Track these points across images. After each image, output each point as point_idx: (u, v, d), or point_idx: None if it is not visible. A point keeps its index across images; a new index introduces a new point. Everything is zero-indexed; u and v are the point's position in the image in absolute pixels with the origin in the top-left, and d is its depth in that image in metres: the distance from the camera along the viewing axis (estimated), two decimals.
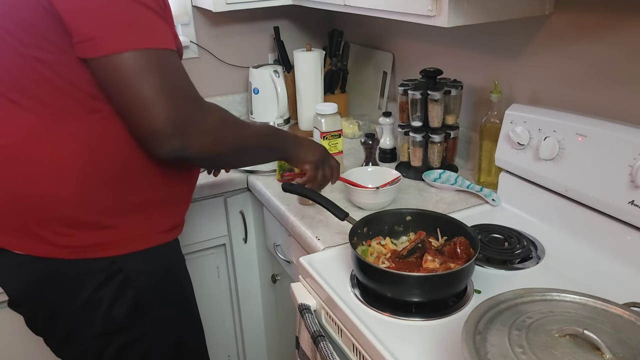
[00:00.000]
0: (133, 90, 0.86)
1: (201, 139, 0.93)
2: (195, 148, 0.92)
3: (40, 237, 0.97)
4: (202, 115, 0.93)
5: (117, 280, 1.01)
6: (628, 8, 1.11)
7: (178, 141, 0.89)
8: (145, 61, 0.86)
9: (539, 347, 0.68)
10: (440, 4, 1.12)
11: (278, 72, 1.91)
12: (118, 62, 0.85)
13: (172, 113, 0.87)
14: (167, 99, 0.87)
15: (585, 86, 1.23)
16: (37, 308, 1.04)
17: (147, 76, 0.86)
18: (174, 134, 0.88)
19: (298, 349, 1.08)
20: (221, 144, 0.98)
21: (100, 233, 0.99)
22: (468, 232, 1.01)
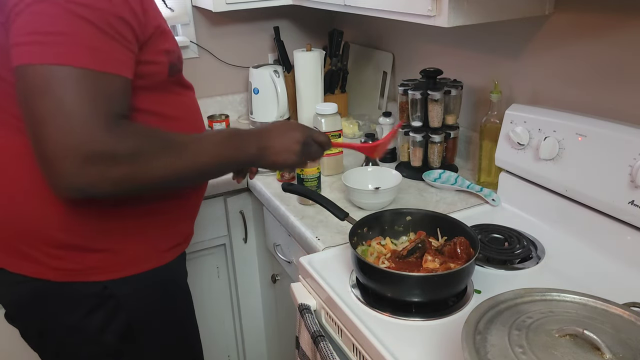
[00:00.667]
0: (34, 107, 0.75)
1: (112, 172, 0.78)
2: (104, 185, 0.78)
3: (32, 258, 0.94)
4: (118, 144, 0.78)
5: (108, 305, 0.98)
6: (628, 8, 1.11)
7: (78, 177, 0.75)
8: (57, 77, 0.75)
9: (539, 347, 0.68)
10: (440, 4, 1.12)
11: (278, 72, 1.91)
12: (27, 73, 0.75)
13: (71, 141, 0.74)
14: (68, 123, 0.74)
15: (585, 86, 1.23)
16: (28, 325, 1.04)
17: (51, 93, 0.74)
18: (71, 168, 0.74)
19: (298, 349, 1.08)
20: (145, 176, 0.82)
21: (91, 256, 0.95)
22: (468, 232, 1.01)
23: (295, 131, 1.01)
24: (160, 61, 0.91)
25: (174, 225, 1.06)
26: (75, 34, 0.76)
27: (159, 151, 0.84)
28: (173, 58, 0.95)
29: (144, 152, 0.82)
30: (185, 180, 0.92)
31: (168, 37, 0.94)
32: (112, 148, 0.77)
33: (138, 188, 0.84)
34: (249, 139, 0.96)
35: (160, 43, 0.91)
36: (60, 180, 0.76)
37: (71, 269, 0.94)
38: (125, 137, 0.80)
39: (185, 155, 0.87)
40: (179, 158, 0.86)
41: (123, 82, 0.82)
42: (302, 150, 1.00)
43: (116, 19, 0.80)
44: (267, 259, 1.70)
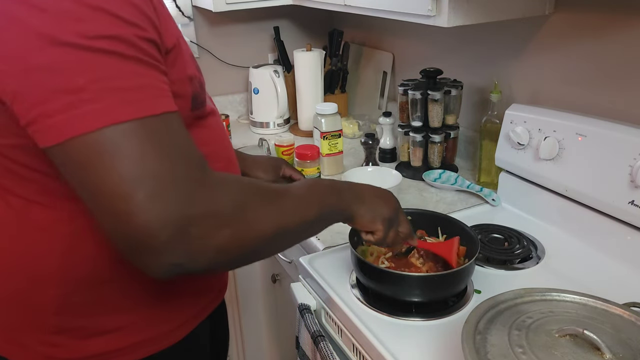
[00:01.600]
0: (94, 185, 0.57)
1: (219, 234, 0.61)
2: (208, 253, 0.61)
3: (22, 344, 0.79)
4: (215, 197, 0.62)
5: None
6: (628, 8, 1.11)
7: (179, 250, 0.58)
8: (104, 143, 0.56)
9: (539, 347, 0.68)
10: (440, 4, 1.12)
11: (278, 72, 1.91)
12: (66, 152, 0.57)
13: (161, 206, 0.57)
14: (148, 188, 0.57)
15: (585, 86, 1.23)
16: None
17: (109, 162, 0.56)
18: (170, 239, 0.57)
19: (298, 349, 1.08)
20: (253, 234, 0.65)
21: (95, 341, 0.78)
22: (468, 232, 1.01)
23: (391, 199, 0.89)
24: (182, 93, 0.72)
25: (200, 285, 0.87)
26: (108, 77, 0.57)
27: (263, 203, 0.68)
28: (196, 86, 0.76)
29: (247, 205, 0.65)
30: (289, 237, 0.75)
31: (187, 59, 0.74)
32: (210, 205, 0.61)
33: (242, 255, 0.66)
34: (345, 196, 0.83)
35: (181, 67, 0.71)
36: (155, 260, 0.58)
37: (67, 358, 0.78)
38: (222, 190, 0.63)
39: (291, 208, 0.72)
40: (285, 212, 0.71)
41: (179, 117, 0.63)
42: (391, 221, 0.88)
43: (144, 42, 0.61)
44: (267, 259, 1.70)
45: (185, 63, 0.73)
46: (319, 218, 0.77)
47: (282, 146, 1.64)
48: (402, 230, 0.91)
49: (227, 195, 0.63)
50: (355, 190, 0.85)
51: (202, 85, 0.79)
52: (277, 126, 1.95)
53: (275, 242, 0.70)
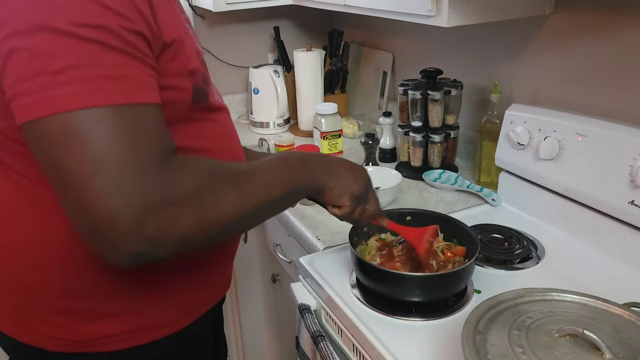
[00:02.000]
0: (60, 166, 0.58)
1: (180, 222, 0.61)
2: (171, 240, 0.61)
3: (29, 324, 0.81)
4: (176, 185, 0.62)
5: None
6: (628, 8, 1.11)
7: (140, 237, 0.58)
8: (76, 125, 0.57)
9: (539, 347, 0.68)
10: (440, 4, 1.12)
11: (278, 72, 1.91)
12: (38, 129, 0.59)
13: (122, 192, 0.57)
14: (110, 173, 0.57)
15: (585, 86, 1.23)
16: None
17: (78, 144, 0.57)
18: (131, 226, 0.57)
19: (298, 349, 1.08)
20: (214, 219, 0.66)
21: (97, 324, 0.80)
22: (468, 232, 1.01)
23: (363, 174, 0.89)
24: (181, 86, 0.73)
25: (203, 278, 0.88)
26: (89, 64, 0.59)
27: (226, 185, 0.68)
28: (198, 80, 0.77)
29: (209, 189, 0.65)
30: (254, 217, 0.75)
31: (190, 54, 0.75)
32: (173, 192, 0.61)
33: (205, 238, 0.66)
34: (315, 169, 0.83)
35: (182, 61, 0.72)
36: (116, 248, 0.59)
37: (69, 339, 0.80)
38: (185, 176, 0.64)
39: (254, 188, 0.71)
40: (249, 192, 0.70)
41: (157, 109, 0.64)
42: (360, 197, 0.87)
43: (130, 34, 0.62)
44: (267, 259, 1.70)
45: (188, 58, 0.74)
46: (286, 195, 0.77)
47: (282, 146, 1.64)
48: (370, 209, 0.91)
49: (189, 181, 0.64)
50: (326, 164, 0.85)
51: (205, 80, 0.80)
52: (277, 126, 1.95)
53: (240, 223, 0.71)
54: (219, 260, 0.91)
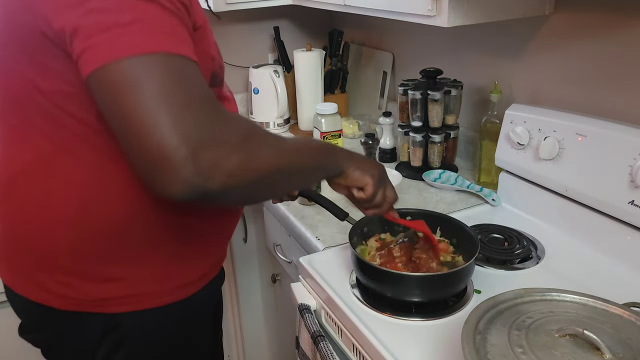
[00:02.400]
0: (126, 104, 0.65)
1: (228, 160, 0.67)
2: (220, 175, 0.66)
3: (40, 283, 0.88)
4: (225, 129, 0.69)
5: (113, 336, 0.92)
6: (628, 8, 1.11)
7: (194, 167, 0.64)
8: (142, 68, 0.65)
9: (539, 347, 0.68)
10: (440, 4, 1.12)
11: (278, 72, 1.91)
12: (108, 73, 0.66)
13: (180, 128, 0.64)
14: (172, 110, 0.64)
15: (585, 86, 1.23)
16: (36, 340, 1.01)
17: (144, 85, 0.65)
18: (187, 157, 0.63)
19: (298, 349, 1.08)
20: (256, 166, 0.71)
21: (102, 286, 0.87)
22: (468, 232, 1.01)
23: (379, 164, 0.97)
24: (204, 68, 0.80)
25: (201, 255, 0.96)
26: (146, 19, 0.67)
27: (267, 141, 0.75)
28: (216, 66, 0.87)
29: (253, 137, 0.72)
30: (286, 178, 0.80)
31: (211, 41, 0.85)
32: (221, 133, 0.68)
33: (245, 184, 0.71)
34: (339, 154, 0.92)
35: (206, 45, 0.82)
36: (173, 178, 0.64)
37: (77, 298, 0.88)
38: (231, 122, 0.71)
39: (290, 151, 0.79)
40: (285, 153, 0.78)
41: (197, 66, 0.72)
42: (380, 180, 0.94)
43: (179, 3, 0.72)
44: (267, 259, 1.70)
45: (210, 44, 0.85)
46: (316, 167, 0.86)
47: None
48: (389, 195, 0.98)
49: (236, 128, 0.70)
50: (347, 151, 0.94)
51: (221, 67, 0.90)
52: (277, 126, 1.95)
53: (276, 178, 0.76)
54: (217, 236, 0.99)
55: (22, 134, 0.84)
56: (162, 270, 0.90)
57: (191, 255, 0.94)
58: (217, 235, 0.99)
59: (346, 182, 0.92)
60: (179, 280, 0.93)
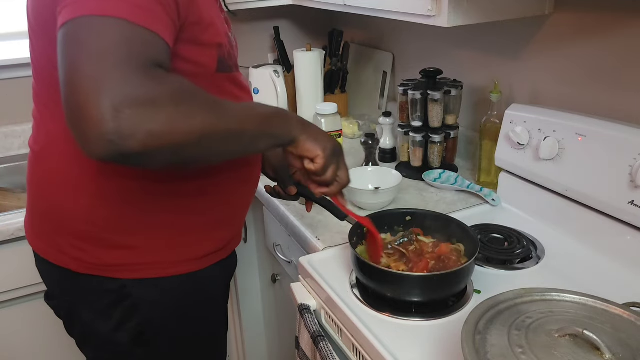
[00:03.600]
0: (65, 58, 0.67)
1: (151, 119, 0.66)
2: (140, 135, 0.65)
3: (58, 246, 0.96)
4: (154, 89, 0.68)
5: (124, 304, 0.96)
6: (628, 8, 1.11)
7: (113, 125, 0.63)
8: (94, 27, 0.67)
9: (539, 347, 0.68)
10: (440, 4, 1.12)
11: (278, 72, 1.91)
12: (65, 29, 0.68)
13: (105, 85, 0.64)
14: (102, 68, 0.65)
15: (585, 86, 1.23)
16: (58, 306, 1.07)
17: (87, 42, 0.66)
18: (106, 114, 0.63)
19: (298, 349, 1.08)
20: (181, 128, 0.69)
21: (114, 253, 0.93)
22: (468, 232, 1.01)
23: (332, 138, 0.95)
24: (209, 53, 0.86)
25: (212, 229, 1.00)
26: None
27: (201, 103, 0.73)
28: (224, 53, 0.90)
29: (185, 100, 0.71)
30: (222, 143, 0.78)
31: (221, 32, 0.89)
32: (150, 92, 0.67)
33: (171, 146, 0.69)
34: (291, 122, 0.89)
35: (213, 35, 0.86)
36: (90, 130, 0.64)
37: (90, 262, 0.94)
38: (164, 82, 0.70)
39: (228, 115, 0.77)
40: (222, 116, 0.75)
41: (163, 44, 0.73)
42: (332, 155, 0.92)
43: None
44: (267, 259, 1.70)
45: (218, 34, 0.88)
46: (257, 133, 0.82)
47: None
48: (341, 175, 0.97)
49: (169, 88, 0.69)
50: (301, 120, 0.91)
51: (230, 56, 0.93)
52: None
53: (206, 143, 0.73)
54: (229, 216, 1.02)
55: (51, 110, 0.90)
56: (168, 243, 0.95)
57: (198, 231, 0.98)
58: (228, 216, 1.02)
59: (297, 151, 0.90)
60: (184, 254, 0.97)
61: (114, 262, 0.94)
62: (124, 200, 0.91)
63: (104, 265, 0.94)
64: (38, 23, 0.86)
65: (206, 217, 0.98)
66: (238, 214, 1.07)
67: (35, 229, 1.01)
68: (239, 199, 1.04)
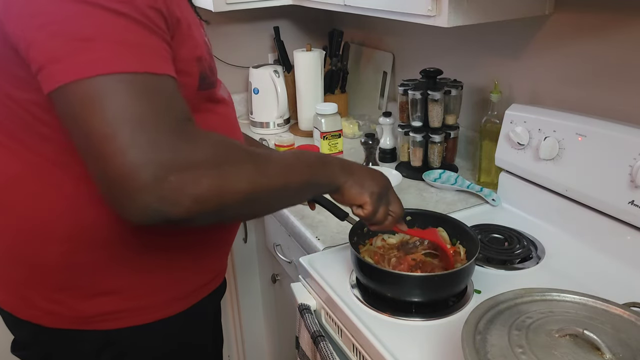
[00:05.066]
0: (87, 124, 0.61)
1: (197, 184, 0.63)
2: (185, 201, 0.62)
3: (29, 300, 0.84)
4: (196, 151, 0.64)
5: (110, 351, 0.87)
6: (628, 8, 1.11)
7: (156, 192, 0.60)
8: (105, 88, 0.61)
9: (539, 347, 0.68)
10: (440, 4, 1.12)
11: (278, 72, 1.91)
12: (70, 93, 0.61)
13: (143, 149, 0.60)
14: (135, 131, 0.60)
15: (585, 86, 1.23)
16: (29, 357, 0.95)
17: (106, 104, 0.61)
18: (148, 181, 0.60)
19: (298, 349, 1.08)
20: (228, 190, 0.66)
21: (94, 302, 0.83)
22: (468, 232, 1.01)
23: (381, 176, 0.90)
24: (189, 71, 0.77)
25: (199, 261, 0.91)
26: (111, 33, 0.62)
27: (242, 160, 0.69)
28: (204, 67, 0.80)
29: (227, 160, 0.67)
30: (268, 200, 0.74)
31: (199, 42, 0.79)
32: (191, 155, 0.63)
33: (218, 209, 0.66)
34: (335, 168, 0.84)
35: (190, 47, 0.76)
36: (133, 201, 0.60)
37: (68, 315, 0.83)
38: (204, 143, 0.65)
39: (272, 170, 0.72)
40: (266, 173, 0.71)
41: (174, 81, 0.68)
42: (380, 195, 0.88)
43: (150, 9, 0.66)
44: (267, 259, 1.70)
45: (196, 45, 0.77)
46: (303, 186, 0.78)
47: (282, 146, 1.64)
48: (394, 210, 0.92)
49: (209, 148, 0.65)
50: (344, 164, 0.86)
51: (211, 69, 0.83)
52: (277, 126, 1.95)
53: (253, 202, 0.70)
54: (216, 246, 0.94)
55: (9, 148, 0.79)
56: (157, 282, 0.86)
57: (188, 266, 0.89)
58: (214, 247, 0.95)
59: (343, 200, 0.87)
60: (174, 292, 0.88)
61: (96, 312, 0.83)
62: (103, 242, 0.80)
63: (84, 317, 0.83)
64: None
65: (194, 251, 0.90)
66: (224, 251, 0.99)
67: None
68: (222, 238, 0.96)
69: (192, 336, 0.95)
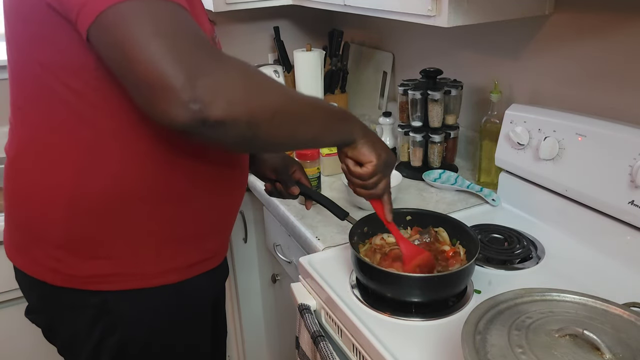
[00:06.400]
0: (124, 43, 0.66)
1: (231, 87, 0.69)
2: (220, 101, 0.67)
3: (35, 258, 0.91)
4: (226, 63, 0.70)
5: (104, 321, 0.92)
6: (628, 8, 1.11)
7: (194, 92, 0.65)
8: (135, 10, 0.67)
9: (539, 347, 0.68)
10: (440, 4, 1.12)
11: (278, 72, 1.91)
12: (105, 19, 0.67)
13: (178, 58, 0.65)
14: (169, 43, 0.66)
15: (585, 86, 1.23)
16: (38, 321, 1.02)
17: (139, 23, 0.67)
18: (186, 82, 0.65)
19: (298, 349, 1.08)
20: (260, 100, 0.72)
21: (93, 263, 0.88)
22: (468, 232, 1.01)
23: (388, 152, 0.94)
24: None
25: (198, 238, 0.96)
26: None
27: (270, 82, 0.76)
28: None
29: (254, 75, 0.73)
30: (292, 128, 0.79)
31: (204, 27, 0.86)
32: (220, 64, 0.69)
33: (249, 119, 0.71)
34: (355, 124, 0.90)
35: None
36: (172, 102, 0.65)
37: (68, 273, 0.89)
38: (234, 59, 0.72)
39: (299, 99, 0.81)
40: (293, 99, 0.80)
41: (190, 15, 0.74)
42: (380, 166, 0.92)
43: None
44: (267, 259, 1.70)
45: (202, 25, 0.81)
46: (326, 125, 0.85)
47: None
48: (382, 186, 0.95)
49: (240, 63, 0.72)
50: (364, 126, 0.92)
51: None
52: None
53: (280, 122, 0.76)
54: (215, 224, 0.98)
55: (26, 115, 0.86)
56: (151, 252, 0.90)
57: (183, 240, 0.93)
58: (213, 225, 0.98)
59: (352, 153, 0.91)
60: (169, 264, 0.93)
61: (94, 273, 0.89)
62: (102, 208, 0.86)
63: (83, 277, 0.89)
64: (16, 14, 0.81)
65: (191, 226, 0.94)
66: (225, 222, 1.03)
67: (13, 241, 0.96)
68: (225, 207, 1.00)
69: (184, 314, 0.98)
